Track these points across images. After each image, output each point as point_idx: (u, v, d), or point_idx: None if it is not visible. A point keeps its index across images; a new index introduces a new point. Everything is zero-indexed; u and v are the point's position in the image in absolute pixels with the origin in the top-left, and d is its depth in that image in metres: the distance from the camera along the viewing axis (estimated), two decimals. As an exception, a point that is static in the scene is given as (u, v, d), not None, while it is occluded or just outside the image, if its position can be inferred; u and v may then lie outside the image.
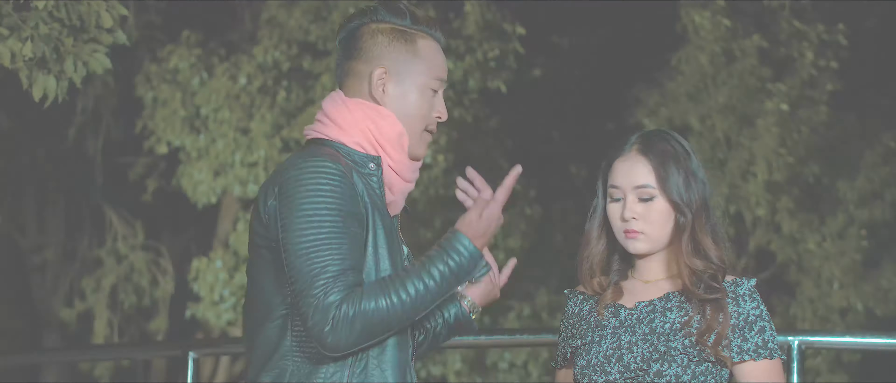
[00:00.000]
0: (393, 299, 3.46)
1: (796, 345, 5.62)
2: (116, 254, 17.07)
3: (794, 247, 15.90)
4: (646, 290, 3.92)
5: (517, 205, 15.84)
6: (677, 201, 3.86)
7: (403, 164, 3.69)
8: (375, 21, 3.74)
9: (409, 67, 3.71)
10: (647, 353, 3.77)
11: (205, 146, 14.89)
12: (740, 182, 15.41)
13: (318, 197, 3.46)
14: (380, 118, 3.65)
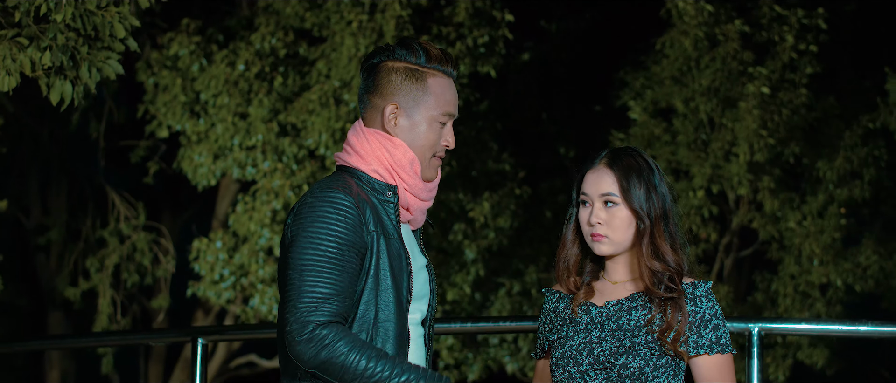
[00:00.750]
0: (360, 362, 3.89)
1: (756, 331, 6.07)
2: (119, 234, 17.32)
3: (776, 225, 16.24)
4: (614, 291, 4.38)
5: (507, 185, 16.12)
6: (637, 209, 4.32)
7: (417, 187, 4.15)
8: (392, 59, 4.20)
9: (419, 103, 4.17)
10: (614, 347, 4.24)
11: (204, 130, 15.12)
12: (723, 162, 15.69)
13: (325, 223, 3.93)
14: (393, 147, 4.11)
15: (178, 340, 7.05)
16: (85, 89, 7.14)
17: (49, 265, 19.27)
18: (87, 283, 17.42)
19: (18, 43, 6.83)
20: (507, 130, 17.41)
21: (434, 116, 4.20)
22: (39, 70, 6.84)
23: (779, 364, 16.27)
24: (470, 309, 16.39)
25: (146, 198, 18.30)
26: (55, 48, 6.79)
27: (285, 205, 14.76)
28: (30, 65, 6.82)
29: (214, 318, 18.87)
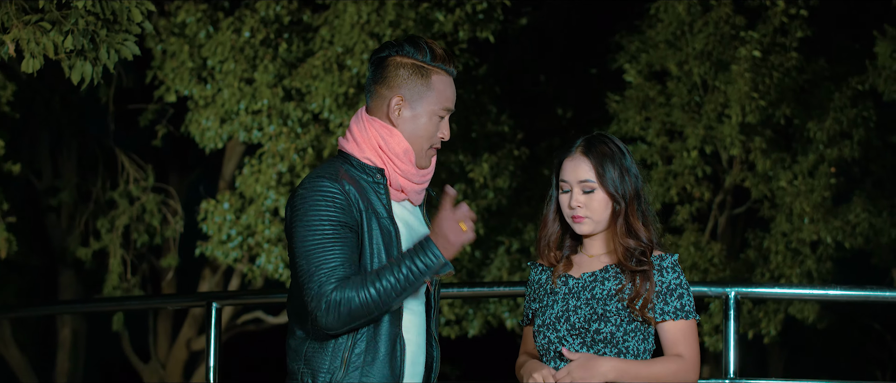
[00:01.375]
0: (370, 291, 4.35)
1: (733, 295, 6.49)
2: (129, 195, 17.73)
3: (767, 185, 16.65)
4: (590, 263, 4.84)
5: (506, 146, 16.51)
6: (613, 193, 4.76)
7: (410, 173, 4.57)
8: (400, 54, 4.60)
9: (422, 97, 4.57)
10: (588, 315, 4.70)
11: (211, 95, 15.49)
12: (716, 124, 16.09)
13: (317, 210, 4.39)
14: (389, 136, 4.53)
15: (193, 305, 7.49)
16: (104, 69, 7.58)
17: (60, 225, 19.70)
18: (97, 243, 17.84)
19: (41, 27, 7.26)
20: (505, 93, 17.77)
21: (434, 110, 4.59)
22: (62, 53, 7.27)
23: (770, 318, 16.70)
24: (470, 266, 16.83)
25: (154, 161, 18.71)
26: (76, 32, 7.23)
27: (290, 167, 15.17)
28: (53, 48, 7.26)
29: (221, 276, 19.33)
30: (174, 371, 19.90)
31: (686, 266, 16.23)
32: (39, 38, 7.29)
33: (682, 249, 16.31)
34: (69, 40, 7.23)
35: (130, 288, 17.80)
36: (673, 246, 16.23)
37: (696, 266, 16.21)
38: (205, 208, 15.82)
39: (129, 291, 17.79)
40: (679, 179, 16.55)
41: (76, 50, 7.28)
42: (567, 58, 18.95)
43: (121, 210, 17.60)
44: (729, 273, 16.54)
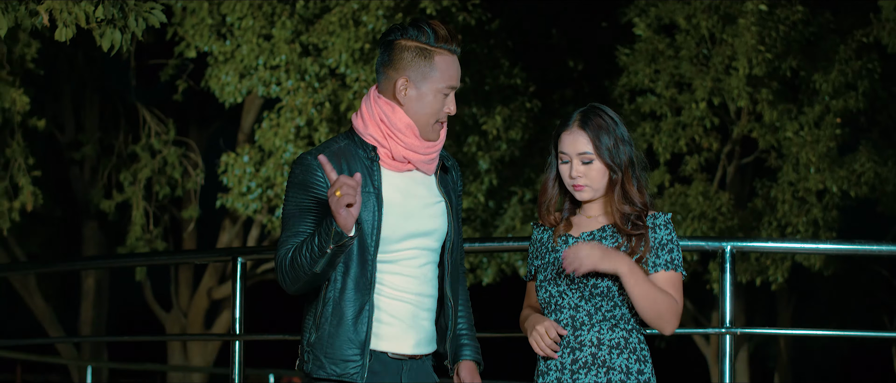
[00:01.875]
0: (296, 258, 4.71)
1: (728, 250, 6.85)
2: (150, 149, 18.17)
3: (774, 135, 17.01)
4: (588, 224, 5.23)
5: (518, 99, 16.88)
6: (609, 163, 5.15)
7: (415, 145, 4.90)
8: (405, 38, 4.90)
9: (426, 77, 4.86)
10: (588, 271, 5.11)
11: (230, 51, 15.90)
12: (723, 76, 16.45)
13: (295, 181, 4.82)
14: (392, 113, 4.89)
15: (219, 260, 7.89)
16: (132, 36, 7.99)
17: (83, 178, 20.14)
18: (120, 196, 18.27)
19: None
20: (518, 47, 18.11)
21: (439, 88, 4.89)
22: (93, 22, 7.68)
23: (777, 266, 17.08)
24: (484, 216, 17.25)
25: (175, 115, 19.12)
26: (107, 2, 7.64)
27: (308, 121, 15.58)
28: (84, 17, 7.67)
29: (241, 227, 19.79)
30: (195, 319, 20.40)
31: (695, 215, 16.63)
32: (72, 7, 7.68)
33: (690, 198, 16.71)
34: (100, 10, 7.63)
35: (153, 239, 18.24)
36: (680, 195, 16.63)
37: (705, 215, 16.61)
38: (225, 161, 16.26)
39: (152, 242, 18.23)
40: (688, 130, 16.92)
41: (106, 19, 7.68)
42: (578, 12, 19.26)
43: (143, 163, 18.03)
44: (736, 222, 16.93)
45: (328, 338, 4.82)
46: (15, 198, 16.15)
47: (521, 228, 17.00)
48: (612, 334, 5.03)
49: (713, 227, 16.65)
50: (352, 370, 4.81)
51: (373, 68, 15.40)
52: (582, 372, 5.00)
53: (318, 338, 4.83)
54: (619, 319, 5.07)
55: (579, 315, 5.06)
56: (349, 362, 4.81)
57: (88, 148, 19.39)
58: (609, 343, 5.02)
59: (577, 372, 5.00)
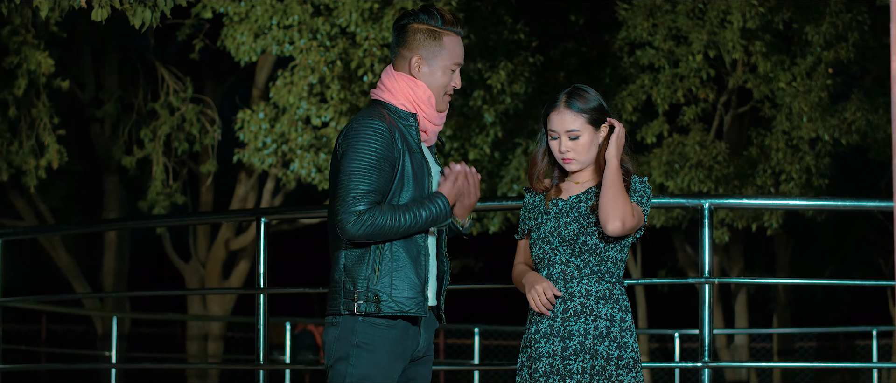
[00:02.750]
0: (394, 221, 5.47)
1: (707, 206, 7.50)
2: (169, 106, 18.85)
3: (768, 86, 17.63)
4: (576, 188, 5.94)
5: (521, 54, 17.47)
6: (594, 135, 5.85)
7: (433, 116, 5.67)
8: (417, 22, 5.67)
9: (436, 55, 5.64)
10: (576, 229, 5.80)
11: (245, 11, 16.46)
12: (719, 29, 17.05)
13: (365, 142, 5.50)
14: (416, 87, 5.63)
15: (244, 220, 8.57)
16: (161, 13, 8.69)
17: (104, 135, 20.81)
18: (141, 152, 18.94)
19: (108, -20, 8.37)
20: (520, 2, 18.63)
21: (447, 65, 5.66)
22: (126, 3, 8.38)
23: (772, 212, 17.68)
24: (490, 166, 17.87)
25: (192, 73, 19.76)
26: (138, -16, 8.34)
27: (321, 79, 16.20)
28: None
29: (256, 180, 20.48)
30: (213, 269, 21.10)
31: (692, 163, 17.23)
32: (106, -11, 8.39)
33: (687, 147, 17.33)
34: (132, -9, 8.32)
35: (172, 193, 18.93)
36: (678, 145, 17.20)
37: (701, 163, 17.24)
38: (241, 118, 16.83)
39: (171, 196, 18.91)
40: (685, 81, 17.53)
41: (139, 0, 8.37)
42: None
43: (162, 120, 18.68)
44: (732, 169, 17.57)
45: (391, 280, 5.54)
46: (41, 157, 16.84)
47: (524, 179, 17.64)
48: (598, 286, 5.75)
49: (710, 175, 17.28)
50: (412, 306, 5.54)
51: (382, 27, 16.01)
52: (572, 320, 5.73)
53: (379, 280, 5.53)
54: (605, 273, 5.79)
55: (570, 269, 5.78)
56: (411, 299, 5.54)
57: (109, 106, 20.03)
58: (596, 294, 5.74)
59: (567, 320, 5.73)
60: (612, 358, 5.69)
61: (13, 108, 16.61)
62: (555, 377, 5.70)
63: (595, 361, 5.68)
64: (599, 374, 5.67)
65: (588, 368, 5.68)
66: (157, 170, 18.59)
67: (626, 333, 5.76)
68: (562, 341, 5.72)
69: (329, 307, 5.60)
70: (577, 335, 5.71)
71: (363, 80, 16.20)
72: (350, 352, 5.50)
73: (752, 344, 24.34)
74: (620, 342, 5.72)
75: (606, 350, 5.69)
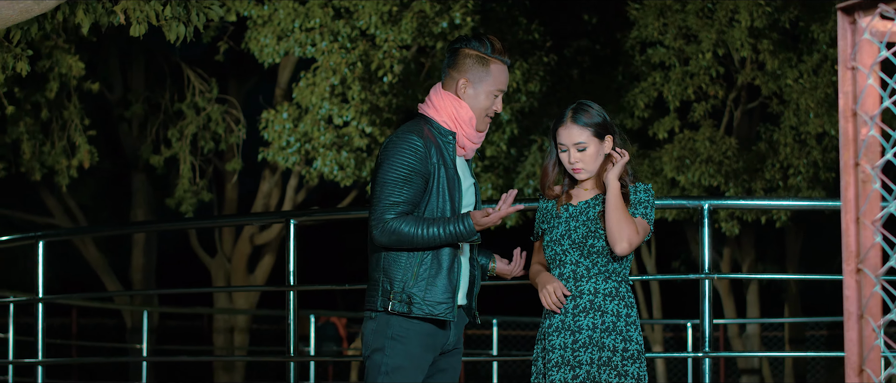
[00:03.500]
0: (417, 232, 5.97)
1: (706, 207, 8.05)
2: (195, 106, 19.38)
3: (776, 82, 18.10)
4: (584, 194, 6.46)
5: (536, 54, 17.97)
6: (599, 146, 6.38)
7: (472, 135, 6.16)
8: (468, 47, 6.16)
9: (482, 80, 6.12)
10: (584, 232, 6.33)
11: (268, 14, 17.01)
12: (727, 28, 17.53)
13: (400, 155, 6.00)
14: (460, 108, 6.12)
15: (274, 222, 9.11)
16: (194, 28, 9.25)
17: (131, 134, 21.36)
18: (169, 151, 19.49)
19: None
20: (534, 4, 19.11)
21: (491, 90, 6.14)
22: (162, 19, 8.93)
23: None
24: (506, 163, 18.36)
25: (216, 74, 20.27)
26: (173, 2, 8.90)
27: (342, 80, 16.72)
28: (155, 15, 8.93)
29: (280, 177, 21.01)
30: (239, 264, 21.62)
31: (703, 158, 17.69)
32: (144, 7, 8.94)
33: (698, 143, 17.80)
34: (168, 9, 8.88)
35: (199, 191, 19.47)
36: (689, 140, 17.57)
37: (711, 158, 17.71)
38: (266, 117, 17.34)
39: (198, 193, 19.45)
40: (695, 79, 18.00)
41: (173, 16, 8.93)
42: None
43: (188, 120, 19.21)
44: (741, 164, 18.03)
45: (426, 285, 6.04)
46: (72, 157, 17.41)
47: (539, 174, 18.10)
48: (606, 284, 6.27)
49: (720, 170, 17.75)
50: (442, 310, 6.03)
51: (400, 29, 16.54)
52: (582, 315, 6.25)
53: (415, 284, 6.03)
54: (612, 273, 6.32)
55: (579, 269, 6.32)
56: (442, 304, 6.03)
57: (137, 107, 20.55)
58: (603, 291, 6.26)
59: (577, 315, 6.26)
60: (618, 350, 6.19)
61: (45, 110, 17.18)
62: (566, 367, 6.20)
63: (602, 353, 6.18)
64: (606, 365, 6.17)
65: (596, 359, 6.18)
66: (184, 169, 19.10)
67: (631, 327, 6.25)
68: (572, 334, 6.22)
69: (368, 302, 6.12)
70: (587, 329, 6.21)
71: (383, 81, 16.72)
72: (386, 344, 6.01)
73: (764, 333, 24.78)
74: (625, 335, 6.22)
75: (613, 343, 6.19)
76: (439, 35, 16.88)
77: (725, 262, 22.72)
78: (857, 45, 3.82)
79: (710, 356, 7.86)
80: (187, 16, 9.11)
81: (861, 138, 3.81)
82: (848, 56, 3.84)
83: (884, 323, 3.77)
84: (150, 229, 11.92)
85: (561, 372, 6.22)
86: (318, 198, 24.10)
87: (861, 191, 3.82)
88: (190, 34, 9.21)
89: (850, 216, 3.83)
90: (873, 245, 3.81)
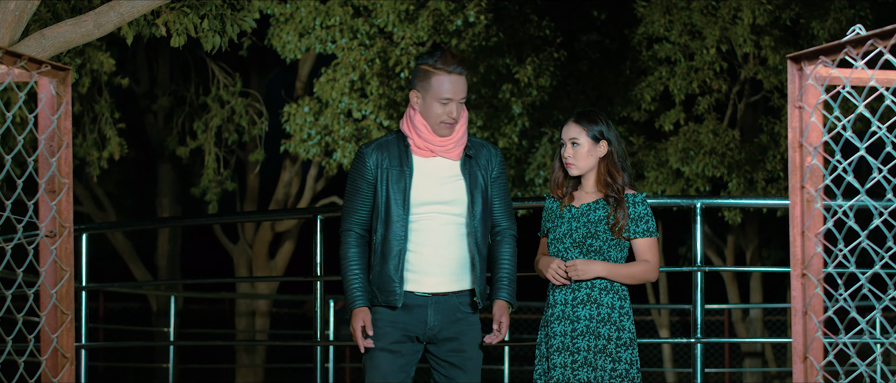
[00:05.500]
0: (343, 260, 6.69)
1: (698, 206, 8.65)
2: (220, 99, 20.04)
3: (777, 77, 18.64)
4: (586, 197, 7.07)
5: (546, 49, 18.48)
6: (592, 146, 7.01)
7: (430, 139, 6.69)
8: (422, 63, 6.74)
9: (427, 91, 6.68)
10: (584, 233, 6.94)
11: (290, 12, 17.55)
12: (730, 25, 18.08)
13: (352, 169, 6.75)
14: (414, 116, 6.71)
15: (302, 216, 9.78)
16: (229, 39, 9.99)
17: (157, 125, 21.99)
18: (194, 142, 20.13)
19: (184, 11, 9.66)
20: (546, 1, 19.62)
21: (436, 99, 6.65)
22: (201, 31, 9.67)
23: (782, 195, 18.66)
24: (518, 154, 18.87)
25: (239, 68, 20.87)
26: (210, 16, 9.64)
27: (361, 76, 17.29)
28: (193, 27, 9.67)
29: (300, 167, 21.65)
30: (260, 250, 22.22)
31: (706, 150, 18.24)
32: (183, 19, 9.68)
33: (702, 135, 18.35)
34: (206, 22, 9.63)
35: (223, 180, 20.11)
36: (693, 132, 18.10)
37: (715, 150, 18.24)
38: (288, 111, 17.90)
39: (222, 183, 20.09)
40: (700, 73, 18.53)
41: (210, 28, 9.67)
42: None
43: (213, 113, 19.83)
44: (744, 156, 18.56)
45: (378, 275, 6.68)
46: (103, 149, 18.10)
47: (549, 165, 18.58)
48: (602, 279, 6.89)
49: (723, 161, 18.26)
50: (393, 299, 6.62)
51: (417, 27, 17.09)
52: (579, 307, 6.86)
53: (372, 276, 6.71)
54: (607, 269, 6.99)
55: (579, 266, 7.00)
56: (391, 293, 6.63)
57: (163, 100, 21.18)
58: (600, 286, 6.87)
59: (576, 307, 6.87)
60: (612, 339, 6.79)
61: (77, 104, 17.85)
62: (566, 352, 6.81)
63: (598, 341, 6.78)
64: (602, 352, 6.78)
65: (592, 346, 6.78)
66: (209, 159, 19.70)
67: (624, 317, 6.84)
68: (571, 323, 6.83)
69: None
70: (584, 319, 6.82)
71: (400, 77, 17.25)
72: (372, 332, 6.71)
73: (767, 317, 25.35)
74: (619, 325, 6.82)
75: (607, 332, 6.79)
76: (454, 32, 17.39)
77: (729, 249, 23.30)
78: (803, 88, 4.56)
79: (701, 342, 8.54)
80: (223, 27, 9.84)
81: (806, 165, 4.57)
82: (795, 97, 4.58)
83: (823, 318, 4.53)
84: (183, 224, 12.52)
85: (562, 356, 6.81)
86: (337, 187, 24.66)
87: (806, 209, 4.58)
88: (224, 44, 9.95)
89: (796, 229, 4.58)
90: (815, 254, 4.56)
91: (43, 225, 4.56)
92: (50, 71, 4.49)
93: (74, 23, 7.66)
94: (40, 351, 4.60)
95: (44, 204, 4.59)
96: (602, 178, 6.99)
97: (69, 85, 4.56)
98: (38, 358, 4.59)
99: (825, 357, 4.50)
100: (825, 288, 4.65)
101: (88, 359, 10.27)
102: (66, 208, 4.61)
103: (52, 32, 7.59)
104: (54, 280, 4.56)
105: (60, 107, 4.54)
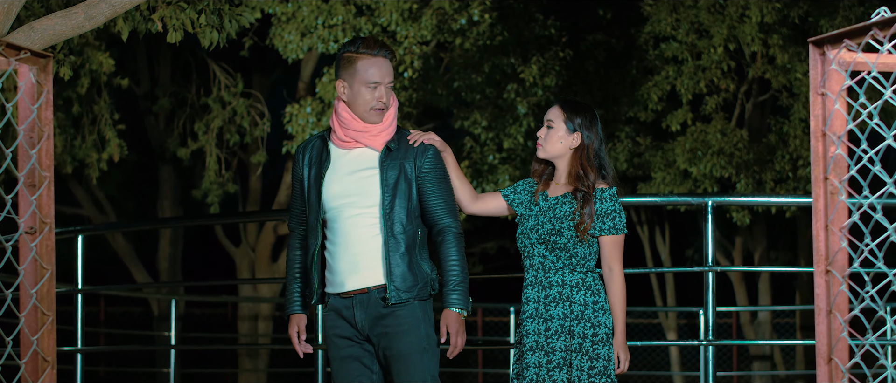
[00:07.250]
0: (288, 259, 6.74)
1: (710, 203, 8.51)
2: (221, 100, 19.89)
3: (786, 76, 18.54)
4: (559, 189, 6.89)
5: (552, 49, 18.39)
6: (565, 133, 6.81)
7: (356, 127, 6.50)
8: (344, 51, 6.56)
9: (353, 77, 6.48)
10: (550, 229, 6.74)
11: (292, 12, 17.39)
12: (738, 23, 17.96)
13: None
14: (339, 107, 6.54)
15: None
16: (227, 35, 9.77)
17: (158, 127, 21.89)
18: (195, 144, 20.00)
19: (180, 6, 9.45)
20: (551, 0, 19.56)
21: (364, 84, 6.45)
22: (197, 27, 9.46)
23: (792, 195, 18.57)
24: (523, 154, 18.80)
25: (241, 69, 20.76)
26: (207, 11, 9.42)
27: (363, 76, 17.12)
28: (190, 23, 9.46)
29: (302, 169, 21.44)
30: (263, 253, 22.12)
31: (714, 150, 18.15)
32: (179, 15, 9.46)
33: (710, 135, 18.24)
34: (203, 17, 9.41)
35: (224, 182, 19.99)
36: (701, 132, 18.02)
37: (723, 150, 18.15)
38: (289, 111, 17.73)
39: (224, 185, 19.97)
40: (707, 73, 18.45)
41: (208, 23, 9.45)
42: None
43: (214, 114, 19.70)
44: (752, 155, 18.47)
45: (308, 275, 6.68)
46: (103, 150, 17.95)
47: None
48: (572, 276, 6.73)
49: (731, 161, 18.19)
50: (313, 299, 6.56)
51: (420, 26, 16.98)
52: (552, 305, 6.72)
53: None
54: (576, 265, 6.74)
55: (546, 262, 6.77)
56: (312, 294, 6.58)
57: (164, 101, 21.07)
58: (570, 283, 6.72)
59: (548, 305, 6.74)
60: (588, 336, 6.66)
61: (77, 105, 17.71)
62: (540, 352, 6.70)
63: (573, 340, 6.66)
64: (578, 350, 6.65)
65: (568, 346, 6.66)
66: (210, 161, 19.58)
67: (599, 313, 6.69)
68: (545, 322, 6.71)
69: None
70: (557, 318, 6.69)
71: (403, 76, 17.15)
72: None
73: (775, 320, 25.25)
74: (594, 321, 6.67)
75: (582, 330, 6.66)
76: (458, 31, 17.30)
77: (737, 251, 23.19)
78: (826, 74, 4.33)
79: (713, 344, 8.35)
80: (220, 23, 9.62)
81: (830, 155, 4.33)
82: (818, 83, 4.35)
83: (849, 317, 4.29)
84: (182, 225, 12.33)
85: (535, 356, 6.69)
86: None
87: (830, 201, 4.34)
88: (223, 40, 9.73)
89: (820, 223, 4.34)
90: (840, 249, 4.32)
91: (22, 220, 4.33)
92: (29, 58, 4.28)
93: (64, 15, 7.45)
94: (20, 354, 4.39)
95: (24, 198, 4.36)
96: (573, 171, 6.86)
97: (50, 73, 4.33)
98: (18, 362, 4.38)
99: (851, 358, 4.27)
100: (850, 286, 4.42)
101: (88, 364, 10.03)
102: (47, 203, 4.39)
103: (42, 25, 7.38)
104: (35, 279, 4.35)
105: (41, 97, 4.32)
